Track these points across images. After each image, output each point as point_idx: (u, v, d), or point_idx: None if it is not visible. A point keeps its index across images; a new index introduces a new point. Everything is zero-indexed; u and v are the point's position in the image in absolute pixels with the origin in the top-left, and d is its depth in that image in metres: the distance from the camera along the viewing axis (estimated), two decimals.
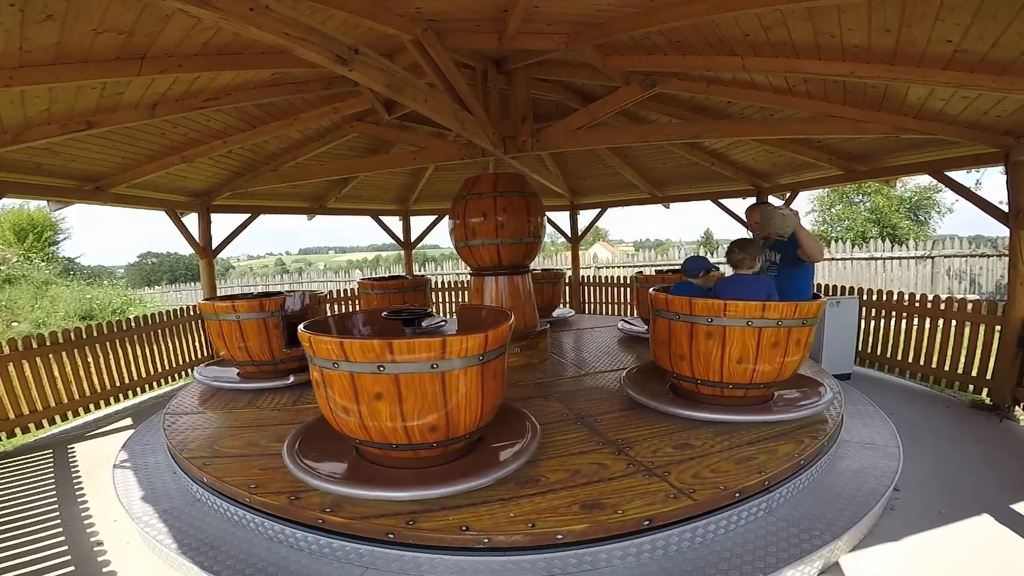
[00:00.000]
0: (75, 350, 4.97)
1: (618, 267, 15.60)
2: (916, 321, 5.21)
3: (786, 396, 3.57)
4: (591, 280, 9.85)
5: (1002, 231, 4.39)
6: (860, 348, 5.66)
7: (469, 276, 5.45)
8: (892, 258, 11.85)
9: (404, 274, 9.25)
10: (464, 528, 2.27)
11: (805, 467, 2.80)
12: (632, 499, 2.41)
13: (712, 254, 15.24)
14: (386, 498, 2.46)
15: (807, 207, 19.36)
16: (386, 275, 8.81)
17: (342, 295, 8.79)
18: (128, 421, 4.93)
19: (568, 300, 9.70)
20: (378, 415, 2.43)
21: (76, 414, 4.94)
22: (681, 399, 3.52)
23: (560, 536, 2.23)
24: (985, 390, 4.55)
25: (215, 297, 4.69)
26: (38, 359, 4.63)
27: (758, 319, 3.05)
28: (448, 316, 9.34)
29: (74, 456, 4.09)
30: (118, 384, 5.40)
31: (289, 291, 5.92)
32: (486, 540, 2.23)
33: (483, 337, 2.45)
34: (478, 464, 2.68)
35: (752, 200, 7.43)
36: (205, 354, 6.67)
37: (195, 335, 6.57)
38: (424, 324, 5.31)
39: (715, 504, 2.44)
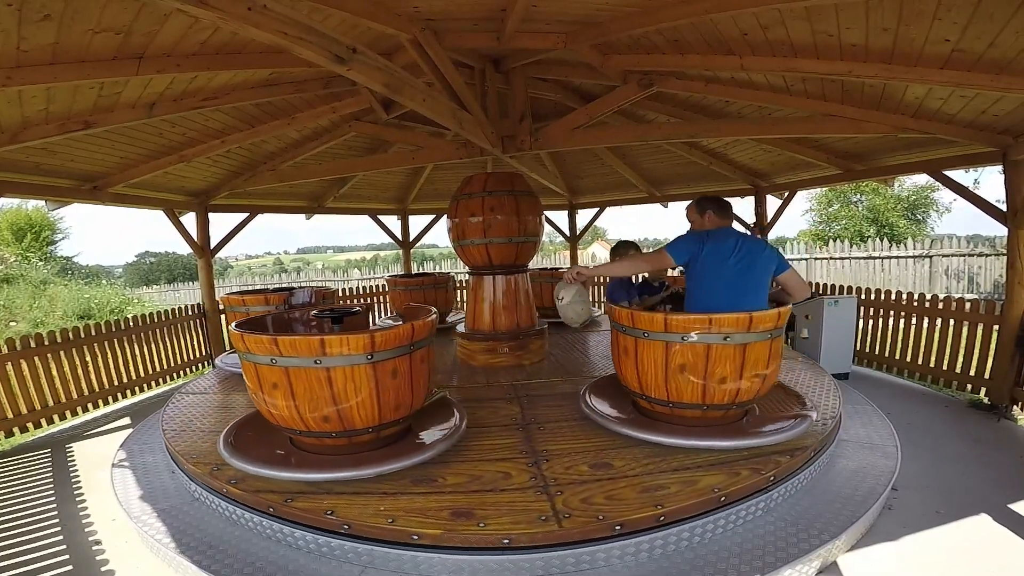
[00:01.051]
0: (73, 349, 4.96)
1: None
2: (914, 320, 5.23)
3: (755, 420, 3.16)
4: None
5: (1000, 230, 4.39)
6: (858, 347, 5.67)
7: (467, 275, 5.47)
8: (890, 257, 11.87)
9: (432, 271, 9.36)
10: (329, 513, 2.40)
11: (727, 505, 2.49)
12: (503, 515, 2.35)
13: None
14: (271, 476, 2.70)
15: (806, 206, 19.40)
16: (414, 272, 9.19)
17: (345, 293, 8.85)
18: (126, 420, 4.93)
19: None
20: (276, 404, 2.70)
21: (74, 413, 4.94)
22: (639, 415, 3.26)
23: (415, 537, 2.27)
24: (983, 390, 4.56)
25: (233, 292, 4.97)
26: (36, 359, 4.63)
27: (629, 328, 2.95)
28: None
29: (72, 456, 4.09)
30: (116, 384, 5.40)
31: (300, 286, 6.14)
32: (346, 527, 2.37)
33: (368, 338, 2.58)
34: (375, 458, 2.81)
35: (751, 199, 7.44)
36: (203, 353, 6.67)
37: (194, 334, 6.57)
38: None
39: (585, 535, 2.26)
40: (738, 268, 2.92)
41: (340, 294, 8.50)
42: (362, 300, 9.07)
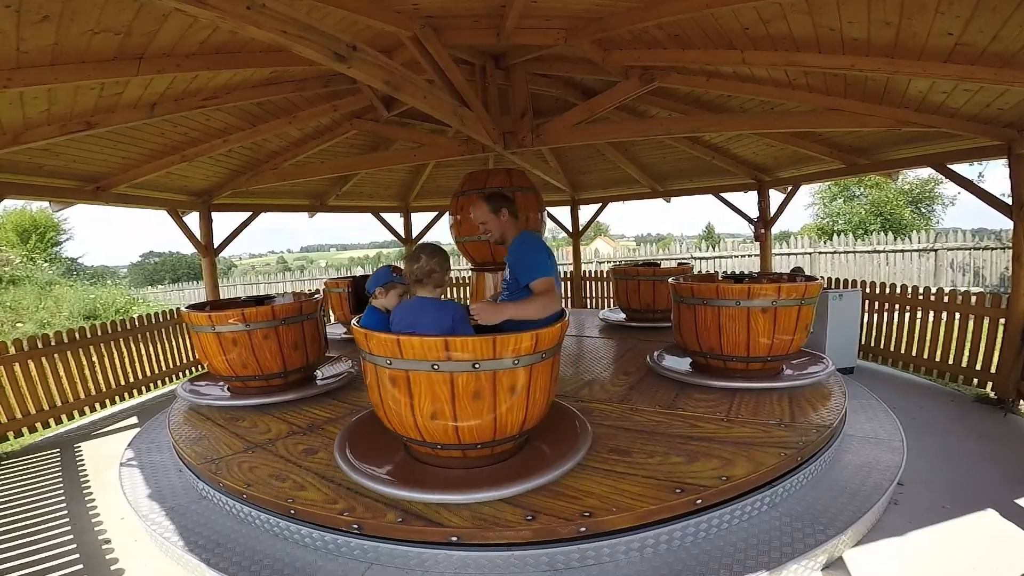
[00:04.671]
0: (80, 350, 4.99)
1: (619, 262, 15.61)
2: (919, 314, 5.20)
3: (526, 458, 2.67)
4: (593, 275, 9.90)
5: (1005, 224, 4.36)
6: (863, 342, 5.64)
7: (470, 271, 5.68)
8: (895, 251, 11.81)
9: None
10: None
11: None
12: (207, 448, 3.18)
13: (713, 248, 15.21)
14: (185, 399, 4.05)
15: (808, 200, 19.31)
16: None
17: None
18: (134, 420, 4.95)
19: (571, 295, 9.74)
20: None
21: (82, 413, 4.97)
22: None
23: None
24: (989, 384, 4.53)
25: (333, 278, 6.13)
26: (43, 359, 4.65)
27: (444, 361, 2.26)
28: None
29: (80, 455, 4.11)
30: (123, 383, 5.43)
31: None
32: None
33: (207, 316, 3.76)
34: (227, 397, 4.02)
35: (753, 194, 7.40)
36: None
37: None
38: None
39: (209, 479, 2.93)
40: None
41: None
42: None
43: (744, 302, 3.63)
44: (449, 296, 10.04)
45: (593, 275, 9.89)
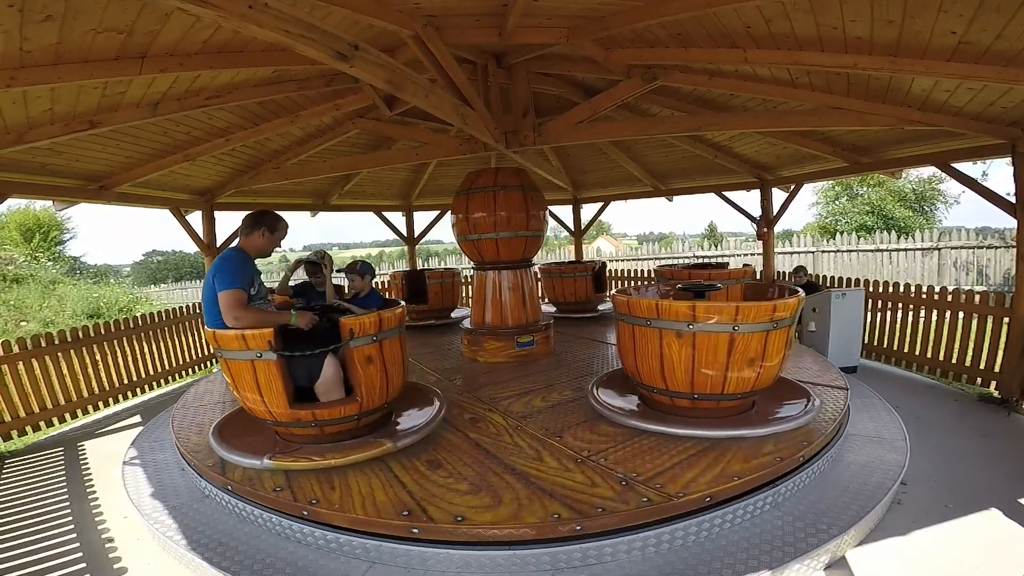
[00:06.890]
0: (83, 348, 5.01)
1: (621, 260, 15.59)
2: (923, 313, 5.18)
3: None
4: None
5: (1009, 222, 4.35)
6: (866, 341, 5.63)
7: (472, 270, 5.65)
8: (898, 250, 11.76)
9: (586, 260, 9.80)
10: None
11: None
12: (196, 398, 4.26)
13: (716, 247, 15.19)
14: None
15: (812, 199, 19.27)
16: (564, 260, 10.78)
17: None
18: (137, 418, 4.97)
19: None
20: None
21: (85, 412, 4.99)
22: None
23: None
24: (993, 383, 4.52)
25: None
26: (47, 358, 4.67)
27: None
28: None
29: (84, 454, 4.13)
30: (126, 382, 5.45)
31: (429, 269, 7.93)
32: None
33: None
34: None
35: (756, 192, 7.39)
36: (211, 350, 6.71)
37: (202, 332, 6.61)
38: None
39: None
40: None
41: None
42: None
43: (655, 322, 2.84)
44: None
45: None
